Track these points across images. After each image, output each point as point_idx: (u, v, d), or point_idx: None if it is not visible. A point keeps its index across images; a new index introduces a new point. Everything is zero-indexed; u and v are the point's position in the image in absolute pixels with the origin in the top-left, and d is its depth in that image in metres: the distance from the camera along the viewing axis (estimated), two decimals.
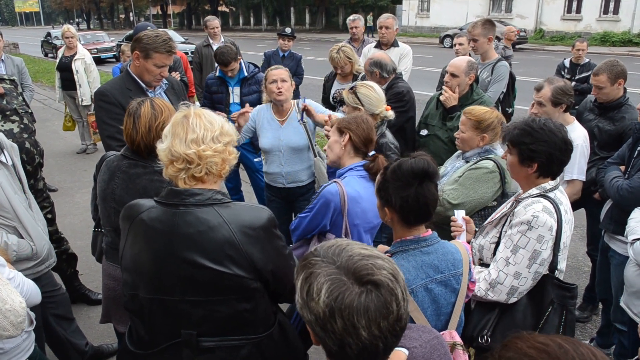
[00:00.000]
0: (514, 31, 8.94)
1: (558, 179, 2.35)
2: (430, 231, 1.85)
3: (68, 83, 8.00)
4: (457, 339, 1.77)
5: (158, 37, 3.16)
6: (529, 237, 2.16)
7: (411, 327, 1.37)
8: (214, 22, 7.02)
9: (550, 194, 2.24)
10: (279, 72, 3.67)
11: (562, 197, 2.30)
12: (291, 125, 3.79)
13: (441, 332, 1.76)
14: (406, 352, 1.25)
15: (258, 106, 3.99)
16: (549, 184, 2.27)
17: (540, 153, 2.18)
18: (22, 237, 2.62)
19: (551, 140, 2.16)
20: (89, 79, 7.95)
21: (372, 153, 2.60)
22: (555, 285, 2.21)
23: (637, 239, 2.59)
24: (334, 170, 2.78)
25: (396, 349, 1.24)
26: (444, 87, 3.80)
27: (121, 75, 3.42)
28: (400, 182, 1.77)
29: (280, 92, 3.64)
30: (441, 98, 3.75)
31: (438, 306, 1.81)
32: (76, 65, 7.85)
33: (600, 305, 3.84)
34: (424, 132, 3.92)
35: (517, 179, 2.37)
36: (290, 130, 3.79)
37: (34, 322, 2.08)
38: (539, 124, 2.21)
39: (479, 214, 2.88)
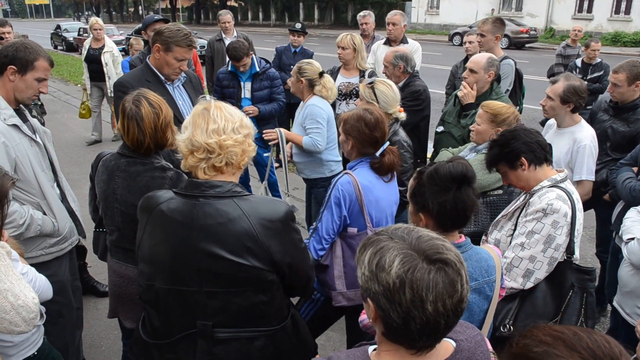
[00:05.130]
0: (575, 30, 8.54)
1: (566, 170, 2.47)
2: (463, 237, 1.83)
3: (95, 74, 8.14)
4: (489, 346, 1.74)
5: (179, 31, 3.21)
6: (544, 223, 2.22)
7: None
8: (227, 16, 6.97)
9: (562, 185, 2.31)
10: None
11: (572, 188, 2.37)
12: (299, 118, 3.97)
13: None
14: (454, 343, 1.27)
15: None
16: (559, 175, 2.34)
17: (517, 148, 2.31)
18: (45, 214, 2.66)
19: (516, 134, 2.33)
20: (117, 70, 8.05)
21: (384, 147, 2.58)
22: (574, 269, 2.27)
23: (632, 239, 2.58)
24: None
25: (445, 339, 1.25)
26: (462, 82, 3.78)
27: (141, 67, 3.48)
28: (437, 187, 1.74)
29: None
30: (459, 94, 3.73)
31: (471, 314, 1.78)
32: (105, 58, 7.99)
33: (609, 307, 3.81)
34: (439, 128, 3.91)
35: (525, 186, 2.40)
36: (297, 123, 3.99)
37: (44, 317, 2.08)
38: (499, 134, 2.44)
39: (484, 200, 2.90)
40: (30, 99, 2.65)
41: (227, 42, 6.68)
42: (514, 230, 2.36)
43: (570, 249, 2.26)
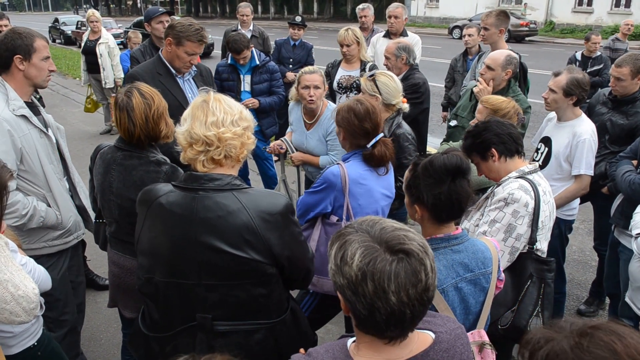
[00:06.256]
0: (627, 24, 8.27)
1: (537, 163, 2.48)
2: (460, 229, 1.83)
3: (93, 66, 8.26)
4: (486, 338, 1.73)
5: (191, 25, 3.27)
6: (504, 212, 2.27)
7: (436, 315, 1.39)
8: (246, 9, 6.83)
9: (529, 176, 2.35)
10: (313, 78, 3.53)
11: (542, 181, 2.39)
12: (317, 133, 3.70)
13: (470, 332, 1.73)
14: (433, 335, 1.28)
15: (292, 102, 3.89)
16: (527, 167, 2.37)
17: (488, 139, 2.34)
18: (50, 206, 2.67)
19: (488, 125, 2.36)
20: (113, 62, 8.15)
21: (377, 138, 2.57)
22: (534, 259, 2.30)
23: None
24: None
25: (423, 331, 1.27)
26: (479, 78, 3.75)
27: (153, 59, 3.55)
28: (432, 179, 1.74)
29: (312, 100, 3.54)
30: (474, 89, 3.71)
31: (467, 305, 1.78)
32: (100, 49, 8.08)
33: (608, 300, 3.83)
34: (453, 122, 3.91)
35: (496, 177, 2.42)
36: (314, 138, 3.71)
37: (43, 308, 2.09)
38: (474, 126, 2.45)
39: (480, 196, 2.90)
40: (46, 80, 2.68)
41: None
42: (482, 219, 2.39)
43: (531, 240, 2.28)
